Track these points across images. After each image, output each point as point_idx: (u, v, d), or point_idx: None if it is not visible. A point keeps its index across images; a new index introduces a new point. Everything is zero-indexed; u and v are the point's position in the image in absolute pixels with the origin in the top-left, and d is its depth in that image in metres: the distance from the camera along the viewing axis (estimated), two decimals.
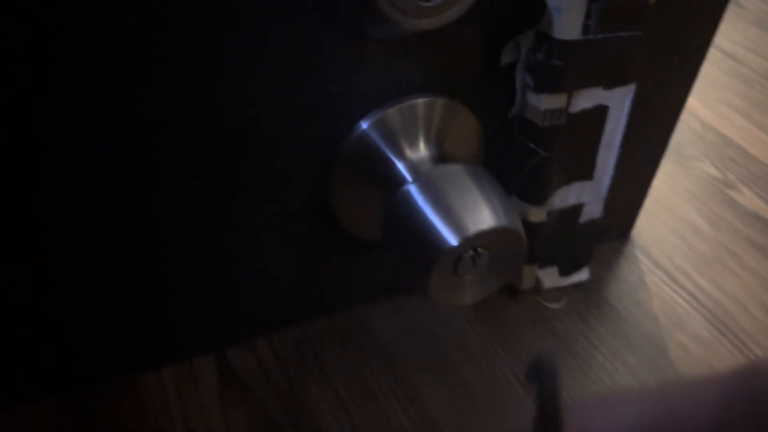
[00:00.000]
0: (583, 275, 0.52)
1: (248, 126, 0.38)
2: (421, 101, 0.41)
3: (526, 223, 0.45)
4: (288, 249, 0.45)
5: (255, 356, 0.45)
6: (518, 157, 0.43)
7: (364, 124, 0.41)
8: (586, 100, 0.43)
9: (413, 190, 0.39)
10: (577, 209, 0.48)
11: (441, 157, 0.42)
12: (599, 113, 0.44)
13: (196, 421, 0.41)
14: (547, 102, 0.41)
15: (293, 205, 0.43)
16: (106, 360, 0.43)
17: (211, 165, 0.39)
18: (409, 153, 0.42)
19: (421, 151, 0.42)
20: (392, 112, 0.41)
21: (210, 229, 0.41)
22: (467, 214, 0.38)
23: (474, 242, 0.37)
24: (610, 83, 0.43)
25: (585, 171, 0.46)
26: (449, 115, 0.42)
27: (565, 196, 0.47)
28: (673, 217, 0.58)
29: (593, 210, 0.49)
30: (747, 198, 0.60)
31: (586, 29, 0.39)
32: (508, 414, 0.43)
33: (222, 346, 0.45)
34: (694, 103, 0.51)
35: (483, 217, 0.38)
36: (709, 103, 0.70)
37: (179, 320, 0.43)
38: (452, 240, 0.37)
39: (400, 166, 0.41)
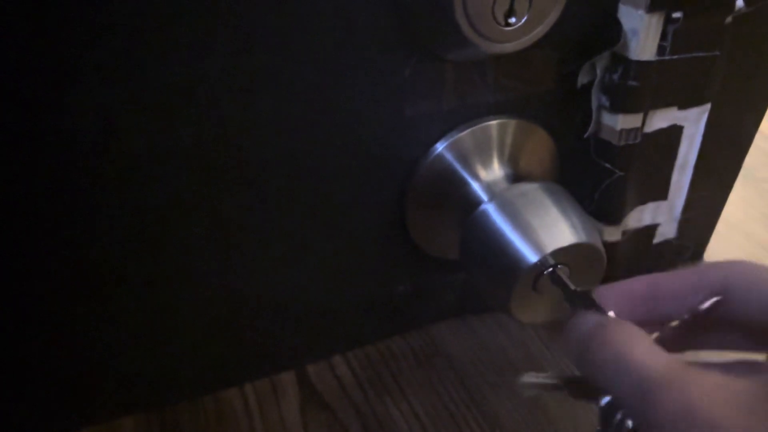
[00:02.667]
0: None
1: (328, 148, 0.40)
2: (495, 123, 0.42)
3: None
4: (363, 268, 0.46)
5: (334, 375, 0.46)
6: (593, 177, 0.44)
7: (440, 146, 0.42)
8: (661, 120, 0.43)
9: (490, 209, 0.40)
10: (651, 229, 0.48)
11: (516, 177, 0.43)
12: (674, 133, 0.44)
13: None
14: (623, 122, 0.41)
15: (370, 225, 0.44)
16: (190, 376, 0.44)
17: (295, 186, 0.40)
18: (485, 174, 0.43)
19: (496, 171, 0.43)
20: (467, 134, 0.42)
21: (289, 248, 0.42)
22: (546, 231, 0.38)
23: (553, 259, 0.38)
24: (685, 103, 0.43)
25: (659, 191, 0.46)
26: (524, 135, 0.43)
27: (639, 216, 0.47)
28: (747, 241, 0.57)
29: (667, 230, 0.49)
30: None
31: (661, 50, 0.40)
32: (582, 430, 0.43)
33: (301, 363, 0.46)
34: (765, 123, 0.51)
35: (562, 233, 0.38)
36: None
37: (261, 337, 0.44)
38: (532, 257, 0.37)
39: (476, 186, 0.42)
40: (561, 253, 0.37)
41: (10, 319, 0.38)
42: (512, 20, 0.35)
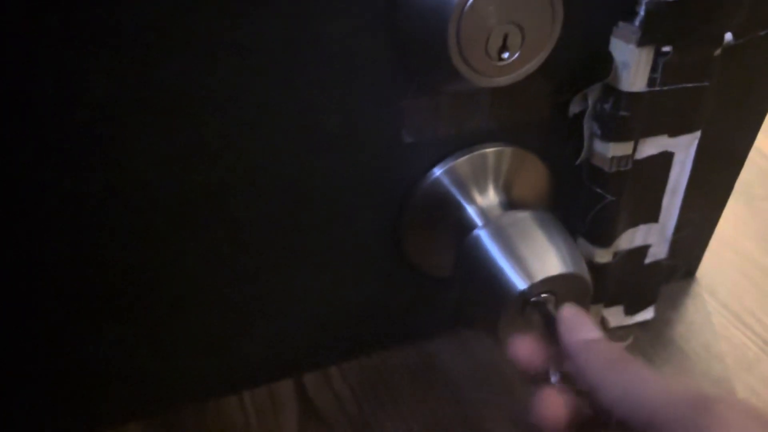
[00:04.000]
0: (648, 314, 0.52)
1: (329, 171, 0.41)
2: (490, 150, 0.43)
3: (592, 264, 0.46)
4: (359, 283, 0.47)
5: (330, 388, 0.47)
6: (586, 201, 0.45)
7: (437, 171, 0.43)
8: (651, 147, 0.44)
9: (483, 235, 0.41)
10: (642, 250, 0.49)
11: (510, 202, 0.44)
12: (665, 159, 0.45)
13: None
14: (614, 149, 0.42)
15: (367, 243, 0.45)
16: (191, 383, 0.46)
17: (295, 206, 0.41)
18: (479, 199, 0.44)
19: (491, 197, 0.44)
20: (463, 161, 0.43)
21: (289, 262, 0.44)
22: (535, 260, 0.39)
23: (541, 287, 0.39)
24: (675, 131, 0.44)
25: (651, 214, 0.48)
26: (518, 162, 0.44)
27: (631, 238, 0.48)
28: (740, 258, 0.58)
29: (659, 251, 0.50)
30: None
31: (652, 82, 0.41)
32: None
33: (299, 372, 0.48)
34: (763, 140, 0.52)
35: (550, 263, 0.39)
36: None
37: (260, 345, 0.46)
38: (520, 284, 0.39)
39: (471, 211, 0.43)
40: (549, 282, 0.39)
41: (17, 325, 0.39)
42: (505, 56, 0.36)
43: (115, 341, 0.42)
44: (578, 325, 0.32)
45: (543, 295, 0.38)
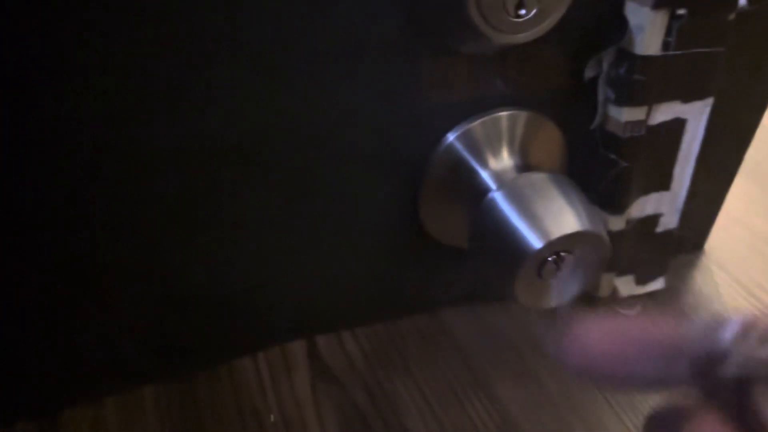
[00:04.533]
0: (658, 284, 0.53)
1: (344, 137, 0.41)
2: (505, 114, 0.44)
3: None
4: (375, 251, 0.47)
5: (343, 350, 0.48)
6: (599, 168, 0.45)
7: (451, 137, 0.44)
8: (664, 113, 0.44)
9: (498, 197, 0.42)
10: (654, 219, 0.50)
11: (524, 167, 0.44)
12: (677, 126, 0.46)
13: (289, 406, 0.44)
14: (628, 114, 0.43)
15: (383, 210, 0.46)
16: (206, 346, 0.46)
17: (310, 170, 0.42)
18: (494, 163, 0.44)
19: (505, 161, 0.44)
20: (478, 125, 0.43)
21: (304, 227, 0.44)
22: (551, 219, 0.40)
23: (558, 246, 0.39)
24: (688, 97, 0.44)
25: (663, 181, 0.48)
26: (532, 127, 0.45)
27: (643, 206, 0.48)
28: (749, 233, 0.58)
29: (669, 221, 0.50)
30: None
31: (666, 46, 0.41)
32: (583, 412, 0.44)
33: (311, 334, 0.49)
34: None
35: (567, 221, 0.40)
36: None
37: (274, 308, 0.47)
38: (537, 243, 0.39)
39: (485, 175, 0.44)
40: (565, 240, 0.39)
41: (34, 289, 0.40)
42: (522, 12, 0.37)
43: (125, 304, 0.43)
44: None
45: (562, 253, 0.39)
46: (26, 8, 0.31)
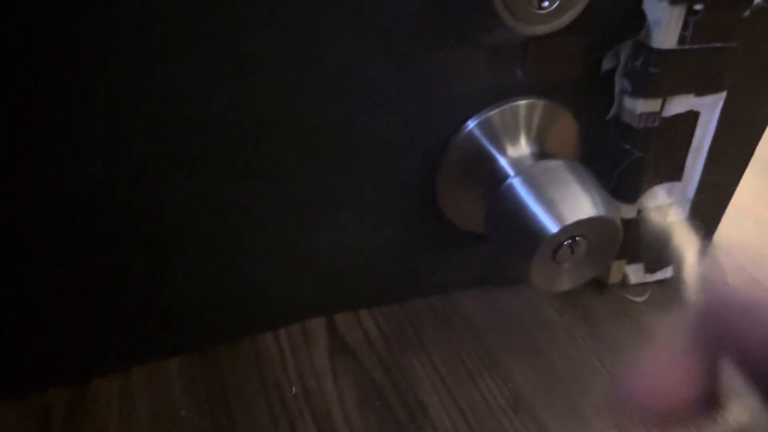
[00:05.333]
0: (667, 273, 0.54)
1: (363, 123, 0.43)
2: (523, 103, 0.45)
3: None
4: (393, 233, 0.49)
5: (360, 327, 0.50)
6: (613, 158, 0.47)
7: (471, 124, 0.45)
8: (678, 105, 0.46)
9: (516, 183, 0.43)
10: (665, 209, 0.51)
11: (541, 155, 0.46)
12: (690, 118, 0.47)
13: (309, 379, 0.46)
14: (643, 106, 0.44)
15: (401, 194, 0.47)
16: (229, 321, 0.48)
17: (330, 151, 0.43)
18: (512, 151, 0.46)
19: (523, 149, 0.46)
20: (497, 113, 0.45)
21: (322, 209, 0.46)
22: (567, 204, 0.41)
23: (573, 230, 0.41)
24: (702, 91, 0.46)
25: (675, 172, 0.49)
26: (550, 116, 0.46)
27: (654, 196, 0.50)
28: (758, 226, 0.60)
29: (680, 211, 0.52)
30: None
31: (682, 40, 0.42)
32: (591, 391, 0.46)
33: (329, 312, 0.50)
34: None
35: (582, 206, 0.41)
36: None
37: (294, 286, 0.48)
38: (553, 228, 0.40)
39: (503, 162, 0.45)
40: (580, 226, 0.40)
41: (68, 258, 0.42)
42: (546, 4, 0.38)
43: (153, 278, 0.44)
44: None
45: (577, 238, 0.40)
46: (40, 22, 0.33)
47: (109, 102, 0.36)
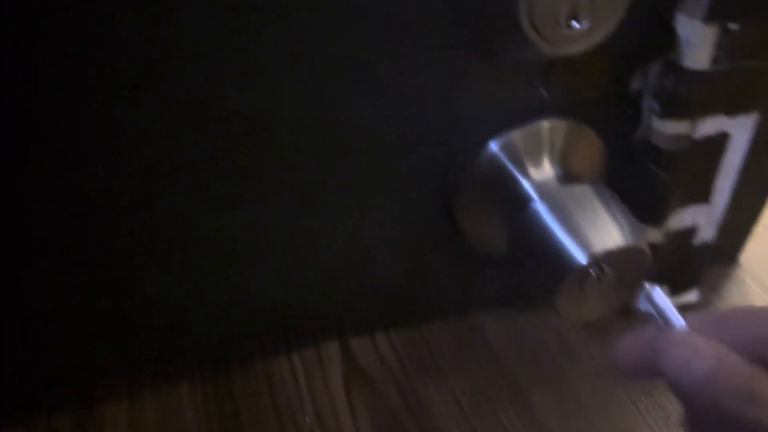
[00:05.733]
0: (692, 296, 0.53)
1: (383, 140, 0.42)
2: (547, 123, 0.44)
3: None
4: (412, 254, 0.48)
5: (376, 351, 0.48)
6: (639, 179, 0.45)
7: (493, 144, 0.44)
8: (709, 126, 0.44)
9: (540, 208, 0.42)
10: (691, 232, 0.49)
11: (565, 176, 0.44)
12: (721, 140, 0.45)
13: (323, 406, 0.44)
14: (672, 127, 0.43)
15: (421, 215, 0.46)
16: (242, 344, 0.47)
17: (349, 171, 0.42)
18: (535, 172, 0.44)
19: (547, 170, 0.44)
20: (520, 133, 0.43)
21: (341, 227, 0.44)
22: (595, 232, 0.39)
23: (601, 260, 0.39)
24: (733, 111, 0.44)
25: (703, 194, 0.48)
26: (574, 136, 0.45)
27: (681, 219, 0.48)
28: None
29: (707, 233, 0.50)
30: None
31: (715, 60, 0.41)
32: (618, 427, 0.44)
33: (345, 335, 0.49)
34: None
35: (611, 235, 0.39)
36: None
37: (309, 306, 0.47)
38: (581, 258, 0.39)
39: (526, 184, 0.44)
40: (609, 255, 0.39)
41: (72, 273, 0.40)
42: (575, 25, 0.37)
43: (164, 299, 0.43)
44: (694, 353, 0.26)
45: (605, 267, 0.38)
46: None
47: (113, 107, 0.35)
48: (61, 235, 0.39)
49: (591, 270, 0.39)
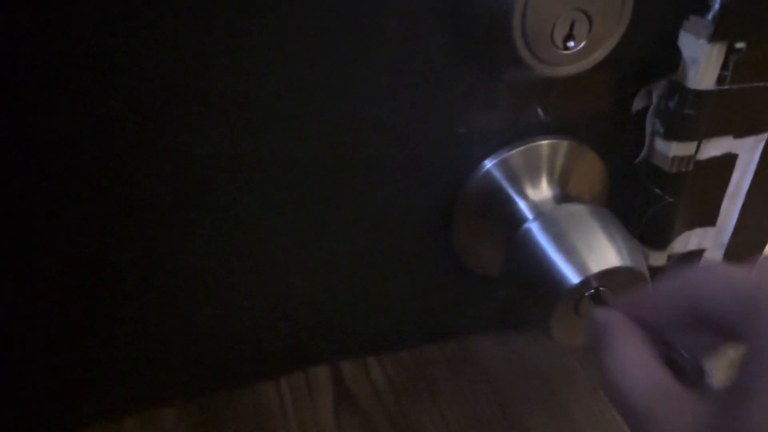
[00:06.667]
0: None
1: (377, 158, 0.40)
2: (545, 143, 0.42)
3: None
4: (404, 275, 0.46)
5: (368, 377, 0.47)
6: (642, 202, 0.44)
7: (489, 163, 0.42)
8: (715, 148, 0.42)
9: (535, 228, 0.40)
10: (697, 254, 0.48)
11: (564, 197, 0.43)
12: (728, 161, 0.43)
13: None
14: (676, 149, 0.41)
15: (414, 234, 0.44)
16: (227, 367, 0.46)
17: (341, 192, 0.41)
18: (532, 193, 0.43)
19: (544, 191, 0.43)
20: (517, 153, 0.42)
21: (332, 249, 0.43)
22: (589, 253, 0.38)
23: (596, 281, 0.37)
24: (741, 132, 0.42)
25: (709, 217, 0.46)
26: (574, 157, 0.43)
27: (686, 241, 0.46)
28: None
29: (713, 256, 0.48)
30: None
31: (721, 80, 0.39)
32: None
33: (336, 361, 0.48)
34: None
35: (606, 256, 0.38)
36: None
37: (297, 332, 0.46)
38: (574, 278, 0.37)
39: (522, 205, 0.42)
40: (605, 276, 0.37)
41: (67, 311, 0.39)
42: (571, 44, 0.35)
43: (147, 326, 0.42)
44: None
45: (601, 289, 0.37)
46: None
47: (104, 138, 0.34)
48: (51, 268, 0.38)
49: (585, 291, 0.37)
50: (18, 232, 0.36)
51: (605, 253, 0.38)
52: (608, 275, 0.37)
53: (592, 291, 0.38)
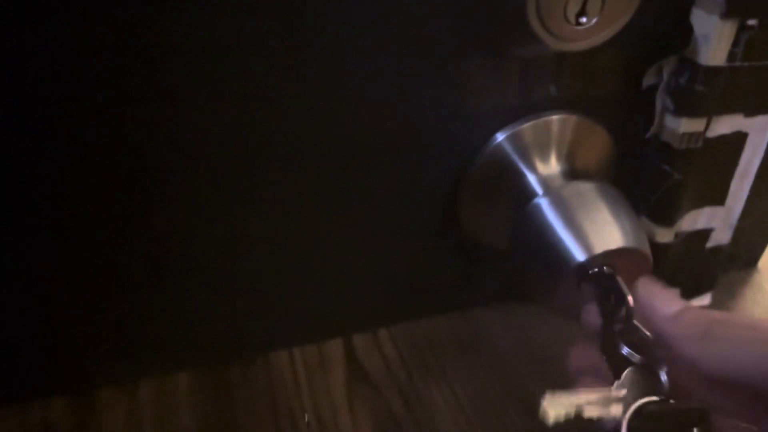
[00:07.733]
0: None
1: (387, 132, 0.41)
2: (555, 118, 0.42)
3: (653, 243, 0.45)
4: (412, 248, 0.47)
5: (380, 352, 0.47)
6: (651, 178, 0.44)
7: (500, 137, 0.42)
8: (725, 126, 0.43)
9: (544, 204, 0.41)
10: (705, 234, 0.48)
11: (572, 173, 0.43)
12: (737, 140, 0.44)
13: (323, 406, 0.43)
14: (686, 126, 0.41)
15: (422, 208, 0.45)
16: (242, 337, 0.46)
17: (351, 165, 0.41)
18: (541, 167, 0.43)
19: (553, 166, 0.43)
20: (527, 127, 0.42)
21: (342, 223, 0.44)
22: (596, 232, 0.38)
23: (600, 260, 0.38)
24: (751, 111, 0.43)
25: (717, 196, 0.46)
26: (584, 132, 0.43)
27: (694, 220, 0.47)
28: None
29: (721, 236, 0.49)
30: None
31: (732, 57, 0.39)
32: None
33: (347, 332, 0.48)
34: None
35: (611, 236, 0.38)
36: None
37: (310, 303, 0.46)
38: (579, 256, 0.38)
39: (532, 179, 0.43)
40: (609, 255, 0.38)
41: (72, 266, 0.40)
42: (583, 20, 0.35)
43: (164, 296, 0.43)
44: (660, 298, 0.31)
45: (604, 268, 0.37)
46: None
47: (108, 119, 0.35)
48: (62, 233, 0.38)
49: (589, 269, 0.37)
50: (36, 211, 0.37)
51: (611, 233, 0.39)
52: (612, 255, 0.38)
53: (596, 270, 0.38)
